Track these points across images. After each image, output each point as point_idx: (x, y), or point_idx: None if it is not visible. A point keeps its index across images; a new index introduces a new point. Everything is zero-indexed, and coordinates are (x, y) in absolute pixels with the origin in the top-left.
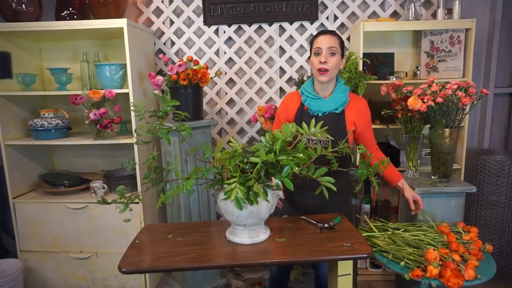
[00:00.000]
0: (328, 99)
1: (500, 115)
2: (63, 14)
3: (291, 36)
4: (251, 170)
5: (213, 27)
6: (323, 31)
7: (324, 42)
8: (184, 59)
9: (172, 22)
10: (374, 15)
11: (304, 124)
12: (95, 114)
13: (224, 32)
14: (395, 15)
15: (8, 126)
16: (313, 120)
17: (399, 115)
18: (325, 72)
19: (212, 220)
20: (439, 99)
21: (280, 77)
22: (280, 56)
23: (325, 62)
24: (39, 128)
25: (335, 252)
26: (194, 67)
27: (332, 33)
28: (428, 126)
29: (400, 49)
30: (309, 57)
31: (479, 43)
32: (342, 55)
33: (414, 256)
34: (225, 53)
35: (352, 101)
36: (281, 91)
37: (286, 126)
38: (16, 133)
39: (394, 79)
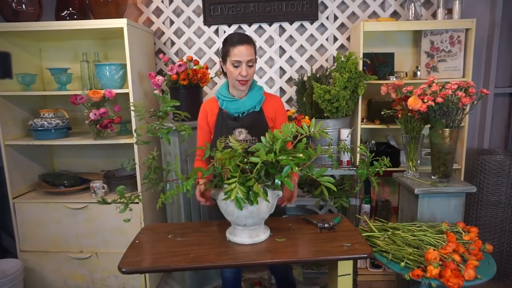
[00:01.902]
0: (244, 99)
1: (500, 115)
2: (63, 14)
3: (291, 36)
4: (251, 170)
5: (213, 27)
6: (240, 40)
7: (243, 54)
8: (184, 59)
9: (172, 22)
10: (374, 15)
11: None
12: (95, 114)
13: (224, 32)
14: (395, 15)
15: (8, 126)
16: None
17: (399, 115)
18: (245, 83)
19: (212, 220)
20: (439, 99)
21: (280, 77)
22: (280, 56)
23: (246, 75)
24: (39, 128)
25: (335, 252)
26: (194, 67)
27: (249, 41)
28: (428, 126)
29: (400, 49)
30: (222, 61)
31: (479, 43)
32: (256, 60)
33: (414, 256)
34: None
35: (268, 98)
36: (281, 91)
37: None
38: (16, 133)
39: (394, 79)
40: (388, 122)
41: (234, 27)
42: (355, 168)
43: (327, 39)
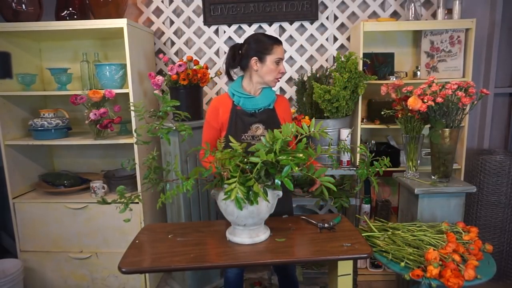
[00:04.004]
0: (260, 97)
1: (500, 115)
2: (63, 14)
3: (291, 36)
4: (251, 170)
5: (213, 27)
6: (279, 40)
7: (282, 52)
8: (184, 59)
9: (172, 22)
10: (374, 15)
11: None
12: (95, 114)
13: (224, 32)
14: (395, 15)
15: (8, 126)
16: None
17: (399, 115)
18: (279, 80)
19: (212, 220)
20: (439, 99)
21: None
22: None
23: (285, 72)
24: (39, 128)
25: (335, 252)
26: (194, 67)
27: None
28: (428, 126)
29: (400, 49)
30: (259, 59)
31: (479, 43)
32: None
33: (414, 256)
34: (225, 53)
35: (278, 99)
36: (281, 91)
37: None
38: (16, 133)
39: (394, 79)
40: (388, 122)
41: (234, 27)
42: (355, 168)
43: (327, 39)
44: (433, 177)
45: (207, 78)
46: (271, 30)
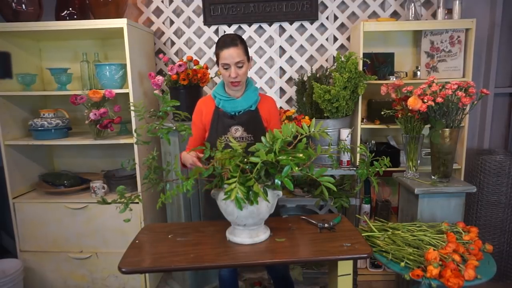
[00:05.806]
0: (241, 99)
1: (500, 115)
2: (63, 14)
3: (291, 36)
4: (251, 170)
5: (213, 27)
6: (226, 44)
7: (230, 57)
8: (184, 59)
9: (172, 22)
10: (374, 15)
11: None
12: (95, 114)
13: (224, 32)
14: (395, 15)
15: (8, 126)
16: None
17: (399, 115)
18: (237, 84)
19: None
20: (439, 99)
21: (280, 77)
22: (280, 56)
23: (235, 76)
24: (39, 128)
25: (335, 252)
26: (194, 67)
27: (235, 43)
28: (428, 126)
29: (400, 49)
30: (217, 63)
31: (479, 43)
32: (248, 59)
33: (414, 256)
34: None
35: (263, 99)
36: (281, 91)
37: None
38: (16, 133)
39: (394, 79)
40: (388, 122)
41: (234, 27)
42: (355, 168)
43: (327, 39)
44: (433, 177)
45: (207, 78)
46: (271, 30)
